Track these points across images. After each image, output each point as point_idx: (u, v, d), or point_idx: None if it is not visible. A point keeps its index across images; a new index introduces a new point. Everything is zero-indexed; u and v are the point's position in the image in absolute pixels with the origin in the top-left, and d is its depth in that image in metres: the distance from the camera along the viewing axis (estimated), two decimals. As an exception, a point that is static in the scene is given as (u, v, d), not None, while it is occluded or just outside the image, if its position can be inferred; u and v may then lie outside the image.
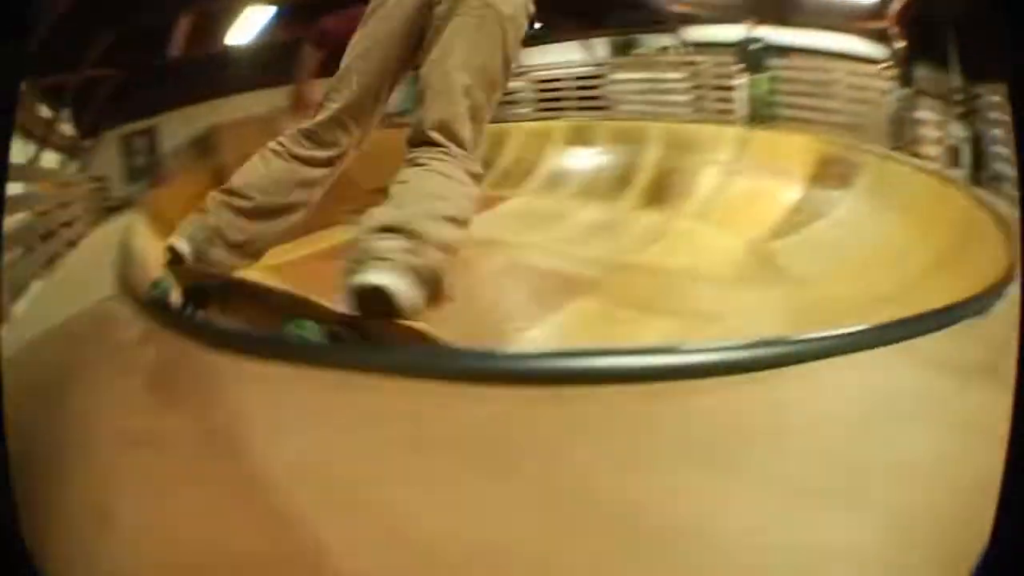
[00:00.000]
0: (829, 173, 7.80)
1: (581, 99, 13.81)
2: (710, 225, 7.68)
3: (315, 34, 5.01)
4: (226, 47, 10.39)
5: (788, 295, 5.31)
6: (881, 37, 10.44)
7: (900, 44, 8.05)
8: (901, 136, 8.00)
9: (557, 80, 14.38)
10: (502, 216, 9.57)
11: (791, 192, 7.64)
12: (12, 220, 3.27)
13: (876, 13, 10.20)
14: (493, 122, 9.05)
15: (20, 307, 2.99)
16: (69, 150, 9.20)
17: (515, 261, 7.05)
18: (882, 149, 7.65)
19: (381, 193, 5.73)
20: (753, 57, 9.46)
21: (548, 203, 9.97)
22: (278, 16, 9.89)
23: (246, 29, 10.48)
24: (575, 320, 4.98)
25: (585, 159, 10.96)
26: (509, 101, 12.79)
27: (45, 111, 7.65)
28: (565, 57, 14.45)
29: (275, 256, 7.07)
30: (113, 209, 9.60)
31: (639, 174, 9.76)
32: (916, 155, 6.01)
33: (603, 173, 10.34)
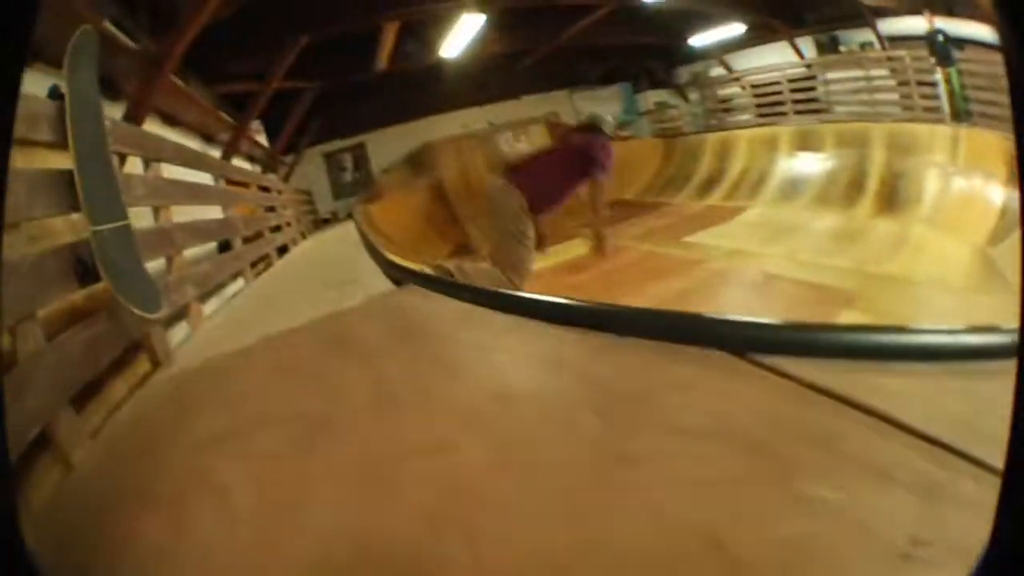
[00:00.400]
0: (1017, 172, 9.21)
1: (798, 102, 15.34)
2: (938, 231, 9.69)
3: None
4: (437, 60, 13.88)
5: (1010, 303, 5.56)
6: None
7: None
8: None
9: (772, 84, 16.28)
10: (744, 226, 11.47)
11: (997, 193, 9.34)
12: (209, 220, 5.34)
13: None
14: (716, 130, 12.18)
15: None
16: (265, 163, 10.80)
17: (769, 273, 8.69)
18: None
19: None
20: (941, 50, 11.12)
21: (786, 212, 11.90)
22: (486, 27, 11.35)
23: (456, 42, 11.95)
24: None
25: (814, 165, 12.78)
26: (726, 108, 15.35)
27: (230, 119, 7.89)
28: (774, 59, 16.43)
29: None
30: (323, 222, 11.38)
31: (868, 180, 11.44)
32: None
33: (834, 179, 12.07)
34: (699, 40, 19.47)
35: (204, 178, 5.89)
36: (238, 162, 10.59)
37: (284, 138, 13.84)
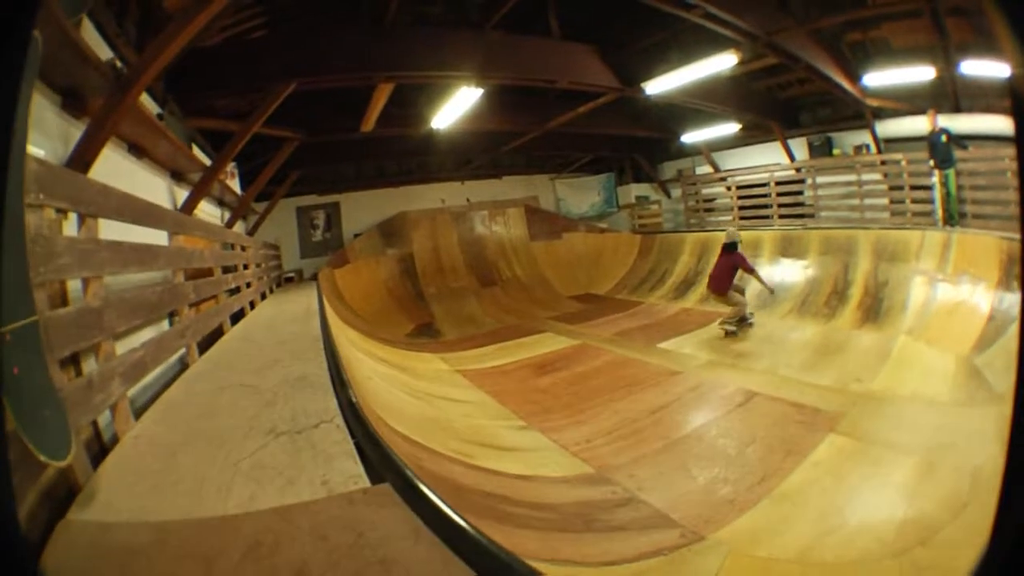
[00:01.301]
0: (1014, 273, 9.11)
1: (784, 205, 15.47)
2: (923, 341, 9.71)
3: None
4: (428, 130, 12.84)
5: (997, 415, 6.15)
6: None
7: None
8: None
9: (759, 186, 16.12)
10: (720, 335, 11.20)
11: (985, 299, 9.43)
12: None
13: None
14: (697, 231, 12.26)
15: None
16: (234, 208, 10.14)
17: (749, 390, 8.64)
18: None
19: (577, 300, 9.08)
20: (941, 151, 11.01)
21: (765, 321, 11.58)
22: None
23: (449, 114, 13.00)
24: (833, 458, 6.27)
25: (797, 272, 12.60)
26: (709, 208, 15.45)
27: (203, 158, 6.48)
28: (763, 159, 16.28)
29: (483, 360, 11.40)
30: (287, 280, 10.80)
31: (852, 288, 11.35)
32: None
33: (817, 287, 11.94)
34: (691, 137, 19.24)
35: (157, 234, 5.16)
36: (206, 205, 10.11)
37: (259, 184, 13.31)
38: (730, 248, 12.74)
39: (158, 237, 5.16)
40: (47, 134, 4.68)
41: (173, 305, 4.88)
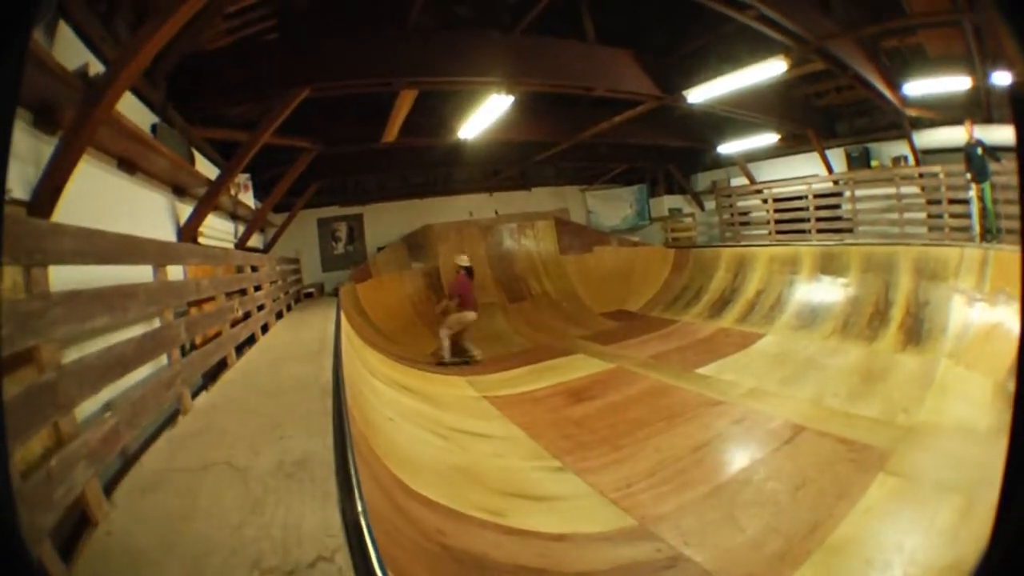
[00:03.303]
0: None
1: (822, 219, 14.96)
2: (962, 365, 9.40)
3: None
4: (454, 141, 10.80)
5: None
6: None
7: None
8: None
9: (796, 199, 15.56)
10: (761, 358, 10.77)
11: (1017, 320, 8.91)
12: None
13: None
14: (732, 245, 11.44)
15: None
16: (248, 222, 9.55)
17: (795, 424, 8.13)
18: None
19: (610, 318, 8.60)
20: (977, 163, 10.46)
21: (806, 342, 11.08)
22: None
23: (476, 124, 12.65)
24: (883, 501, 5.93)
25: (837, 291, 12.05)
26: (745, 222, 14.78)
27: (203, 174, 4.94)
28: (799, 171, 15.74)
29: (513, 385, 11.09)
30: (307, 295, 10.36)
31: (893, 309, 10.76)
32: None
33: (858, 307, 11.37)
34: (728, 147, 18.83)
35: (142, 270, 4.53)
36: (216, 220, 9.56)
37: (275, 197, 12.86)
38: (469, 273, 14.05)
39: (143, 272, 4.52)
40: (16, 155, 4.17)
41: (157, 353, 4.14)
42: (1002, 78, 11.37)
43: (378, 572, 2.14)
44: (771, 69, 10.66)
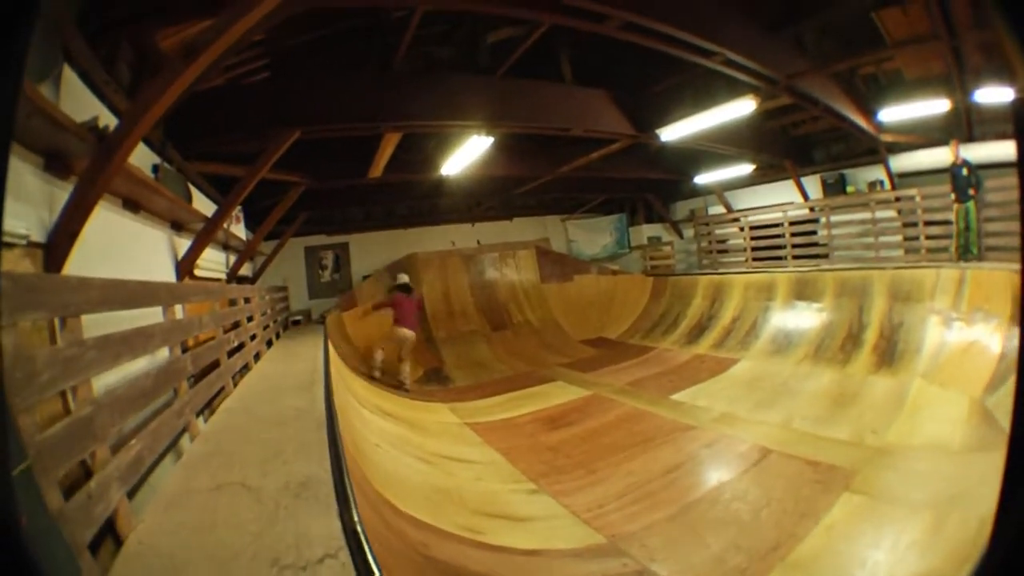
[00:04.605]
0: None
1: (798, 245, 15.37)
2: (936, 384, 9.59)
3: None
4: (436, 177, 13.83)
5: None
6: None
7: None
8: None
9: (772, 226, 15.93)
10: (735, 384, 11.09)
11: (996, 337, 9.27)
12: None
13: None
14: (710, 273, 12.03)
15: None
16: (240, 252, 10.32)
17: (764, 447, 8.39)
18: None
19: (589, 345, 9.16)
20: (962, 183, 10.82)
21: (779, 367, 11.40)
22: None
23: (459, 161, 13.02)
24: (846, 520, 6.11)
25: (811, 316, 12.43)
26: (722, 249, 15.35)
27: (204, 200, 5.70)
28: (776, 199, 16.12)
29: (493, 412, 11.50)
30: (294, 323, 10.75)
31: (867, 332, 11.11)
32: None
33: (831, 331, 11.74)
34: (704, 178, 19.25)
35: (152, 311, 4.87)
36: (209, 252, 9.92)
37: (265, 228, 13.22)
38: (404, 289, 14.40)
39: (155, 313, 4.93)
40: (28, 200, 4.45)
41: (171, 386, 4.62)
42: (985, 95, 11.66)
43: (373, 566, 2.57)
44: (741, 108, 11.11)
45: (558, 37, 11.10)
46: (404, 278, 14.92)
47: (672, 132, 12.57)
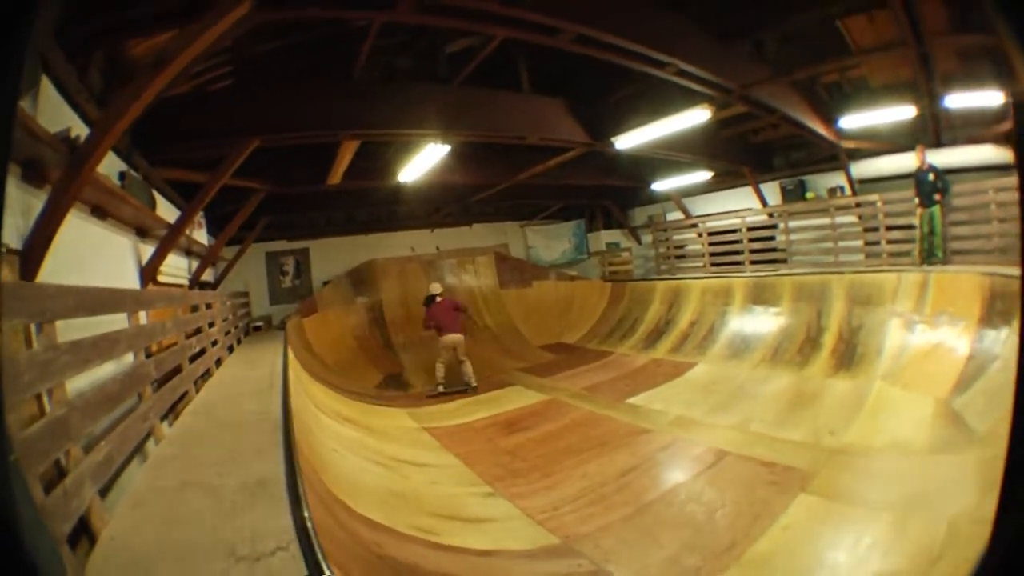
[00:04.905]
0: (995, 310, 9.02)
1: (756, 251, 15.58)
2: (899, 386, 9.59)
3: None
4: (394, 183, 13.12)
5: (976, 459, 6.21)
6: (1009, 139, 11.46)
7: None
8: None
9: (730, 232, 16.17)
10: (691, 387, 11.33)
11: (964, 338, 9.36)
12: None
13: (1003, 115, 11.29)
14: (668, 278, 12.30)
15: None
16: (202, 257, 10.39)
17: (720, 450, 8.47)
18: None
19: (548, 350, 9.60)
20: (927, 188, 11.08)
21: (736, 371, 11.63)
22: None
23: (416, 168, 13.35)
24: (803, 520, 6.12)
25: (769, 320, 12.61)
26: (680, 255, 15.61)
27: (168, 206, 6.48)
28: (735, 204, 16.36)
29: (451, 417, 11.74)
30: (255, 329, 11.18)
31: (825, 335, 11.36)
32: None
33: (790, 335, 11.94)
34: (662, 185, 19.53)
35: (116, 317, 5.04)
36: (172, 258, 9.99)
37: (227, 233, 13.30)
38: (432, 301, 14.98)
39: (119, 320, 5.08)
40: (7, 209, 4.32)
41: (136, 390, 4.78)
42: (956, 101, 11.70)
43: (319, 557, 2.77)
44: (695, 117, 11.34)
45: (516, 47, 11.23)
46: (436, 288, 15.34)
47: (627, 140, 12.83)
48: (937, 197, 12.21)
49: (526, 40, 8.70)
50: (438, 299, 14.88)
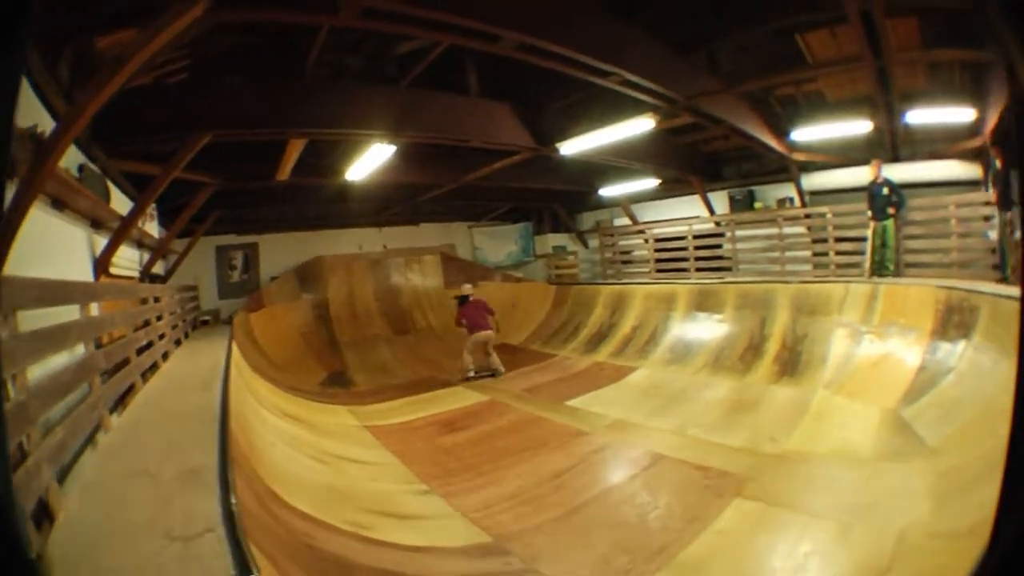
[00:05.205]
0: (950, 322, 9.06)
1: (701, 259, 15.85)
2: (844, 395, 9.58)
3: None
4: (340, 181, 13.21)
5: (928, 470, 6.06)
6: (977, 156, 11.95)
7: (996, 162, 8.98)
8: (1006, 264, 9.54)
9: (676, 239, 16.40)
10: (631, 391, 11.47)
11: (914, 350, 9.42)
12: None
13: (973, 132, 11.13)
14: (612, 283, 11.70)
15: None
16: (153, 250, 10.08)
17: (656, 452, 8.39)
18: (992, 286, 9.11)
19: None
20: (881, 202, 12.51)
21: (677, 376, 11.82)
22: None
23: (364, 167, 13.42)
24: (738, 525, 6.07)
25: (711, 326, 12.87)
26: (626, 260, 15.86)
27: (122, 198, 7.13)
28: (683, 212, 16.63)
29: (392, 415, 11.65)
30: (203, 323, 11.01)
31: (768, 343, 11.85)
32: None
33: (731, 342, 12.17)
34: (609, 191, 19.82)
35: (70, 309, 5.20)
36: (124, 249, 10.07)
37: (178, 226, 13.40)
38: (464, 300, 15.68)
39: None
40: None
41: (87, 379, 5.00)
42: (919, 116, 11.94)
43: (242, 538, 3.08)
44: (640, 126, 11.65)
45: (465, 51, 11.30)
46: (467, 288, 16.18)
47: (572, 146, 13.11)
48: (891, 211, 12.40)
49: (469, 46, 8.92)
50: (470, 299, 15.49)
